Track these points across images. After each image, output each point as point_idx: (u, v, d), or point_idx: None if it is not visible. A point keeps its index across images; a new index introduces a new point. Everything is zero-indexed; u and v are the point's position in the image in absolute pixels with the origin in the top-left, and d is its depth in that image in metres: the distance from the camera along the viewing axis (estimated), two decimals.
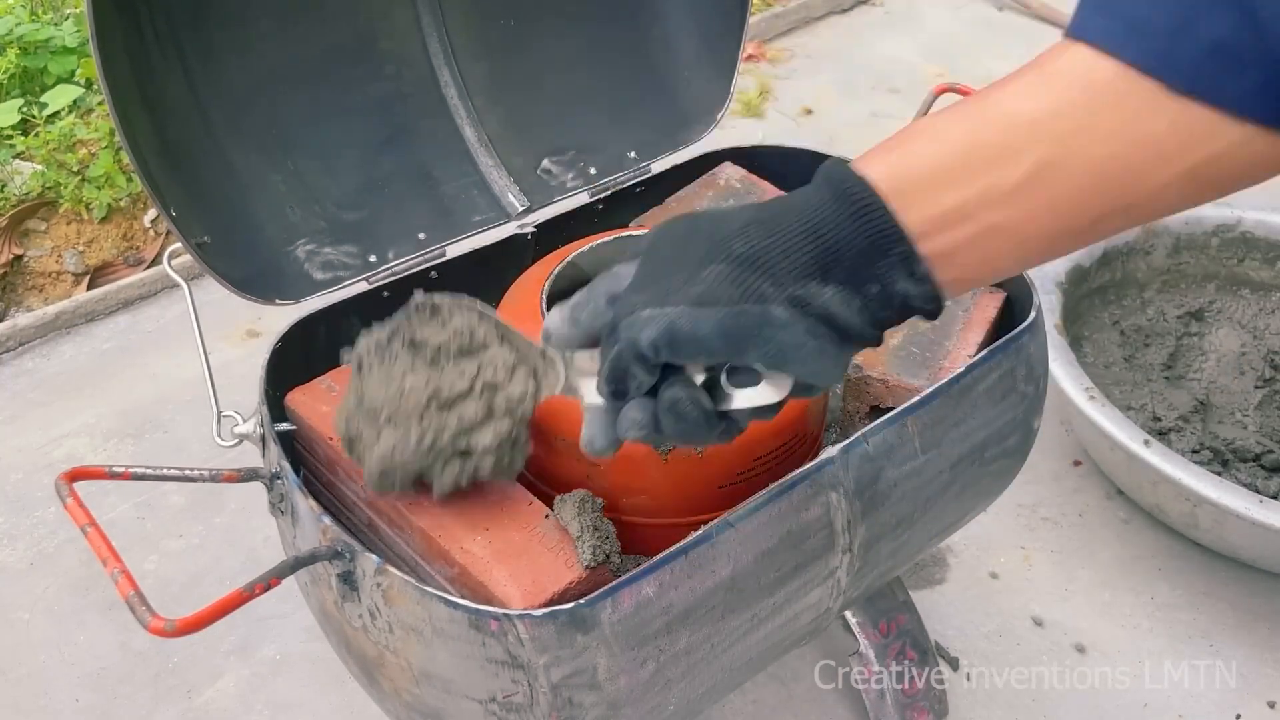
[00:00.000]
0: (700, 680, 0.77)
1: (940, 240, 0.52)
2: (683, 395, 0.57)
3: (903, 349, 0.95)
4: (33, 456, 1.64)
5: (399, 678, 0.75)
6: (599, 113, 1.15)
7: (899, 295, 0.53)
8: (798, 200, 0.55)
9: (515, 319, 0.90)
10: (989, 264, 0.53)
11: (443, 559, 0.77)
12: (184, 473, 0.76)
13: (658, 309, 0.55)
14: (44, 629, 1.39)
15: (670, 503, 0.85)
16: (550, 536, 0.77)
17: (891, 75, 2.61)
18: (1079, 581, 1.42)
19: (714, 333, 0.53)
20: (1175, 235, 1.65)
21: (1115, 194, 0.50)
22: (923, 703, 1.16)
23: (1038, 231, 0.51)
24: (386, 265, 1.00)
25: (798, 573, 0.79)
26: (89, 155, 2.08)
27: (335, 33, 1.00)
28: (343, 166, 1.02)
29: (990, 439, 0.91)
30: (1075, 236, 0.52)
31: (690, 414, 0.58)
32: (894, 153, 0.54)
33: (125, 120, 0.81)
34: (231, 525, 1.51)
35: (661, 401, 0.58)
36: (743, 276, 0.53)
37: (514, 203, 1.09)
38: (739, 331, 0.53)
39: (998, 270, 0.54)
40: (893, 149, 0.54)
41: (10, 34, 2.19)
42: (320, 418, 0.87)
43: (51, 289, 2.02)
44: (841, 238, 0.52)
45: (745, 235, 0.54)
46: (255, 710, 1.29)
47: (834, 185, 0.53)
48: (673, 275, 0.55)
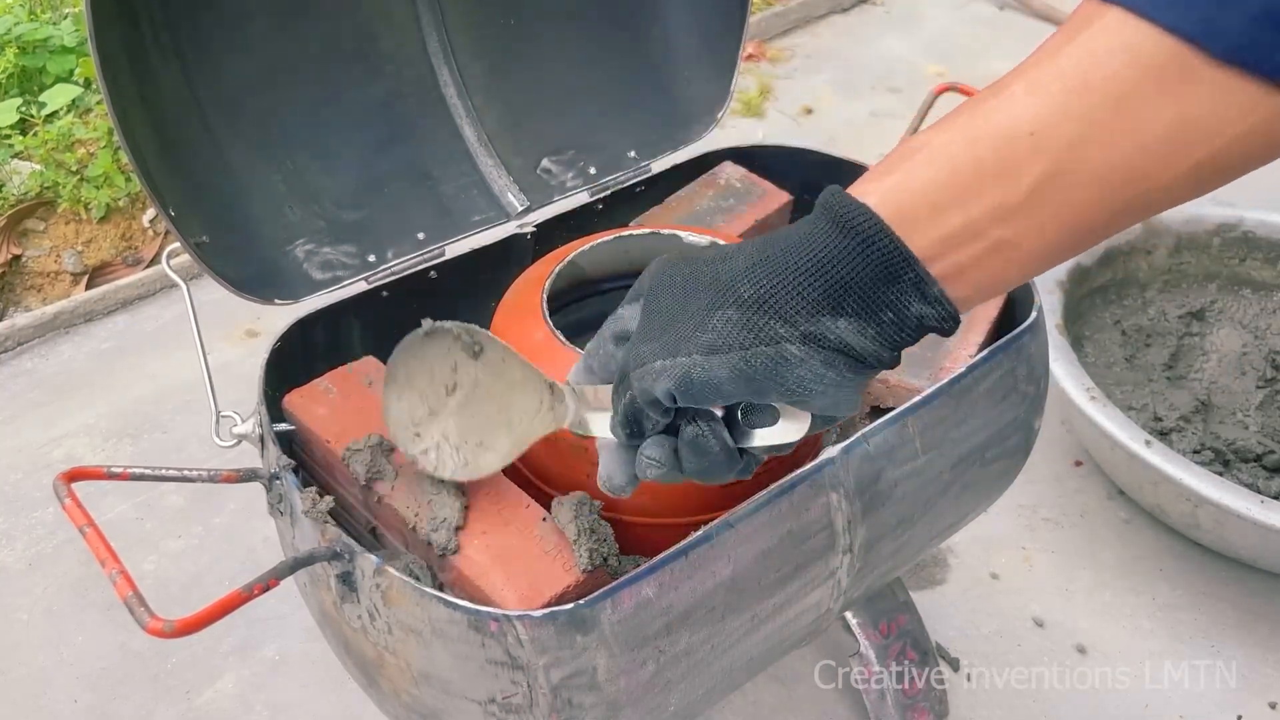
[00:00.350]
0: (700, 681, 0.77)
1: (949, 261, 0.51)
2: (705, 430, 0.57)
3: None
4: (31, 457, 1.63)
5: (398, 679, 0.75)
6: (599, 112, 1.15)
7: (914, 318, 0.52)
8: (799, 235, 0.53)
9: (516, 318, 0.90)
10: (1000, 277, 0.52)
11: (439, 562, 0.77)
12: (183, 473, 0.75)
13: (669, 360, 0.54)
14: (43, 629, 1.39)
15: (670, 503, 0.85)
16: (548, 539, 0.77)
17: (892, 75, 2.61)
18: (1079, 582, 1.42)
19: (731, 378, 0.53)
20: (1176, 235, 1.65)
21: (1131, 190, 0.48)
22: (923, 703, 1.16)
23: (1048, 242, 0.50)
24: (386, 265, 1.00)
25: (798, 573, 0.79)
26: (88, 155, 2.08)
27: (334, 32, 0.99)
28: (342, 166, 1.02)
29: (991, 439, 0.91)
30: (1089, 237, 0.51)
31: (712, 450, 0.57)
32: (892, 175, 0.52)
33: (124, 120, 0.81)
34: (231, 525, 1.51)
35: (683, 437, 0.58)
36: (754, 320, 0.52)
37: (514, 202, 1.08)
38: (756, 374, 0.52)
39: (1008, 282, 0.53)
40: (891, 171, 0.53)
41: (9, 33, 2.19)
42: (318, 420, 0.87)
43: (50, 289, 2.02)
44: (850, 270, 0.51)
45: (751, 277, 0.53)
46: (255, 710, 1.29)
47: (835, 216, 0.52)
48: (681, 323, 0.54)
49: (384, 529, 0.84)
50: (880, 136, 2.35)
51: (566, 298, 1.00)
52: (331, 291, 0.97)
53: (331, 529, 0.75)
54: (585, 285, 1.02)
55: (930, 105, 1.11)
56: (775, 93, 2.55)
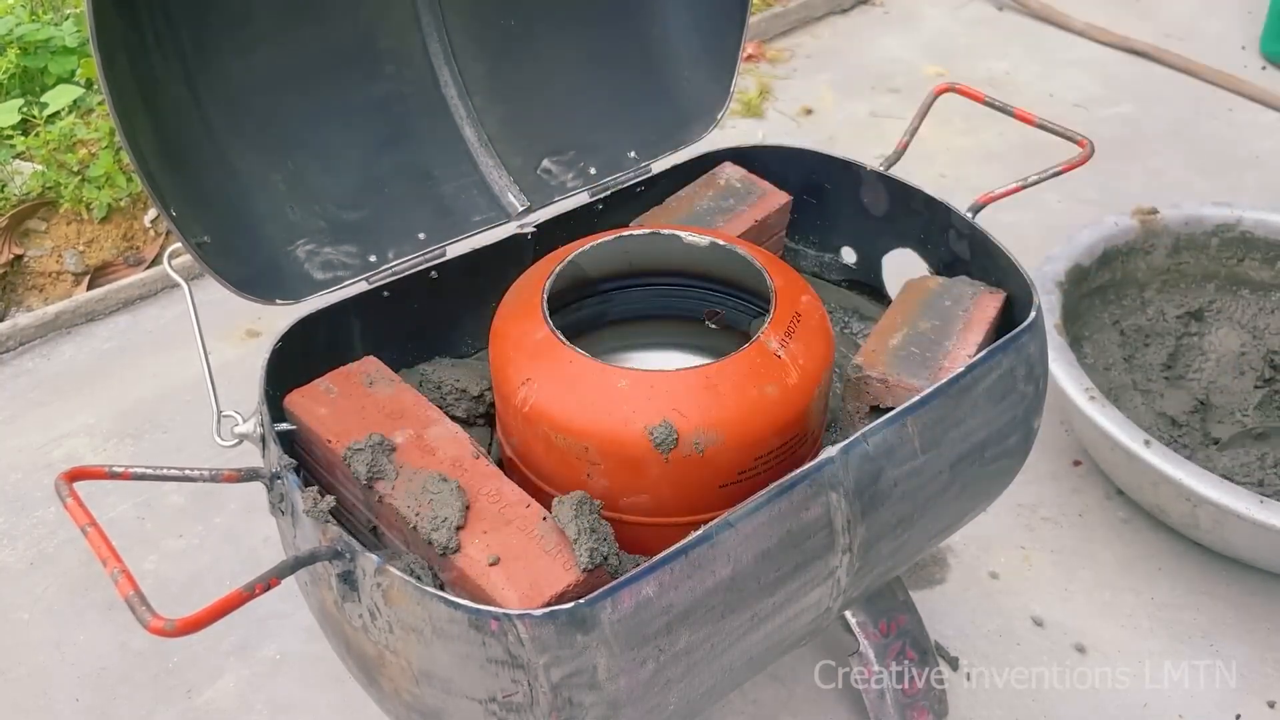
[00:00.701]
0: (700, 680, 0.77)
1: None
2: None
3: (903, 349, 0.95)
4: (32, 456, 1.63)
5: (399, 677, 0.75)
6: (599, 113, 1.15)
7: None
8: None
9: (516, 318, 0.90)
10: None
11: (440, 562, 0.77)
12: (184, 473, 0.76)
13: None
14: (44, 629, 1.39)
15: (671, 502, 0.85)
16: (548, 539, 0.77)
17: (891, 75, 2.61)
18: (1079, 581, 1.42)
19: None
20: (1175, 235, 1.66)
21: None
22: (923, 703, 1.16)
23: None
24: (386, 265, 1.00)
25: (798, 573, 0.79)
26: (89, 155, 2.08)
27: (335, 33, 1.00)
28: (343, 166, 1.02)
29: (990, 439, 0.91)
30: None
31: None
32: None
33: (125, 120, 0.81)
34: (231, 525, 1.51)
35: None
36: None
37: (514, 203, 1.09)
38: None
39: None
40: None
41: (10, 34, 2.19)
42: (319, 420, 0.87)
43: (51, 289, 2.02)
44: None
45: None
46: (255, 710, 1.29)
47: None
48: None
49: (385, 528, 0.84)
50: (880, 137, 2.35)
51: (567, 298, 1.00)
52: (332, 291, 0.97)
53: (333, 528, 0.75)
54: (585, 285, 1.02)
55: (930, 105, 1.12)
56: (775, 93, 2.55)
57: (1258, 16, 2.72)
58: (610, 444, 0.82)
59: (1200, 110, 2.45)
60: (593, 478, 0.84)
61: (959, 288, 1.02)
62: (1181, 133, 2.38)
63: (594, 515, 0.77)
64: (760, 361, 0.85)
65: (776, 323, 0.87)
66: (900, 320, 0.99)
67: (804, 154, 1.16)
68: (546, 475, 0.87)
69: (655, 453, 0.80)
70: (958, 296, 1.01)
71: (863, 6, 2.92)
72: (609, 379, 0.83)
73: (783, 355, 0.85)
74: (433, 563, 0.79)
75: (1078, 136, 1.04)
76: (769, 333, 0.87)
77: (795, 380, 0.85)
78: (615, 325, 1.07)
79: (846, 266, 1.19)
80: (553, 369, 0.84)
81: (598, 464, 0.82)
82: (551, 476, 0.86)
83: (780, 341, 0.86)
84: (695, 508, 0.84)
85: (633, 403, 0.81)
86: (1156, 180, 2.22)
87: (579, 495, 0.78)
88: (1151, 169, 2.26)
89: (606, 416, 0.82)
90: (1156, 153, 2.31)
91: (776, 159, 1.17)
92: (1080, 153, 1.03)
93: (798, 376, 0.85)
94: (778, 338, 0.86)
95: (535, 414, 0.83)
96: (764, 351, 0.85)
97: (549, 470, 0.86)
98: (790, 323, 0.88)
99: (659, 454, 0.80)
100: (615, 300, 1.06)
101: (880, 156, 1.12)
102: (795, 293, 0.92)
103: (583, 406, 0.82)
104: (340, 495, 0.86)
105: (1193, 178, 2.23)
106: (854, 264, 1.19)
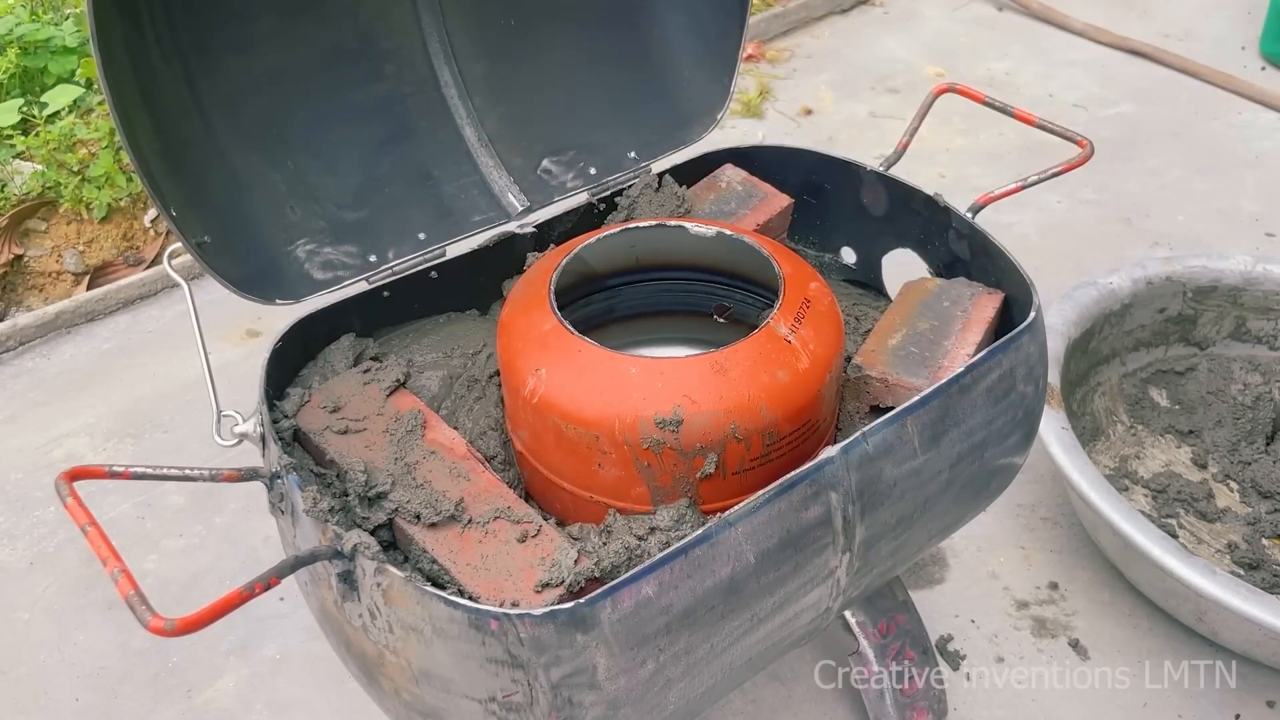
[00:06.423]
0: (700, 680, 0.77)
1: None
2: None
3: (902, 349, 0.95)
4: (33, 456, 1.64)
5: (399, 677, 0.75)
6: (599, 113, 1.15)
7: None
8: None
9: (524, 310, 0.89)
10: None
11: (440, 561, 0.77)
12: (184, 472, 0.76)
13: None
14: (44, 629, 1.39)
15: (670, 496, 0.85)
16: (545, 538, 0.77)
17: (891, 75, 2.61)
18: (1079, 581, 1.43)
19: None
20: (1182, 285, 1.59)
21: None
22: (922, 702, 1.16)
23: None
24: (387, 265, 1.00)
25: (797, 572, 0.79)
26: (89, 155, 2.08)
27: (335, 33, 1.00)
28: (343, 166, 1.02)
29: (990, 439, 0.91)
30: None
31: None
32: None
33: (125, 120, 0.81)
34: (231, 525, 1.51)
35: None
36: None
37: (514, 203, 1.09)
38: None
39: None
40: None
41: (10, 34, 2.20)
42: (319, 419, 0.87)
43: (51, 289, 2.02)
44: None
45: None
46: (255, 710, 1.29)
47: None
48: None
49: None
50: (880, 137, 2.35)
51: (573, 294, 0.99)
52: (332, 291, 0.97)
53: (333, 528, 0.75)
54: (592, 281, 1.02)
55: (930, 106, 1.12)
56: (775, 93, 2.55)
57: (1257, 17, 2.72)
58: (620, 432, 0.81)
59: (1200, 110, 2.46)
60: (603, 468, 0.83)
61: (957, 288, 1.02)
62: (1181, 133, 2.38)
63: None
64: (770, 347, 0.84)
65: (786, 308, 0.87)
66: (899, 320, 0.99)
67: (804, 154, 1.16)
68: (556, 467, 0.86)
69: (664, 449, 0.80)
70: (956, 297, 1.01)
71: (862, 7, 2.92)
72: (618, 367, 0.82)
73: (793, 340, 0.85)
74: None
75: (1077, 137, 1.04)
76: (778, 318, 0.86)
77: (806, 365, 0.84)
78: (622, 321, 1.06)
79: (846, 267, 1.20)
80: (562, 359, 0.83)
81: (608, 454, 0.82)
82: (562, 468, 0.86)
83: (790, 327, 0.85)
84: (707, 496, 0.84)
85: (643, 390, 0.80)
86: (1156, 180, 2.22)
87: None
88: (1151, 169, 2.26)
89: (617, 405, 0.81)
90: (1156, 153, 2.31)
91: (776, 159, 1.17)
92: (1080, 153, 1.03)
93: (809, 362, 0.84)
94: (787, 323, 0.85)
95: (545, 404, 0.83)
96: (774, 337, 0.84)
97: (559, 462, 0.86)
98: (800, 308, 0.87)
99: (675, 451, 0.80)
100: (622, 296, 1.05)
101: (880, 157, 1.12)
102: (804, 279, 0.91)
103: (592, 395, 0.81)
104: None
105: (1192, 178, 2.23)
106: (854, 264, 1.19)
